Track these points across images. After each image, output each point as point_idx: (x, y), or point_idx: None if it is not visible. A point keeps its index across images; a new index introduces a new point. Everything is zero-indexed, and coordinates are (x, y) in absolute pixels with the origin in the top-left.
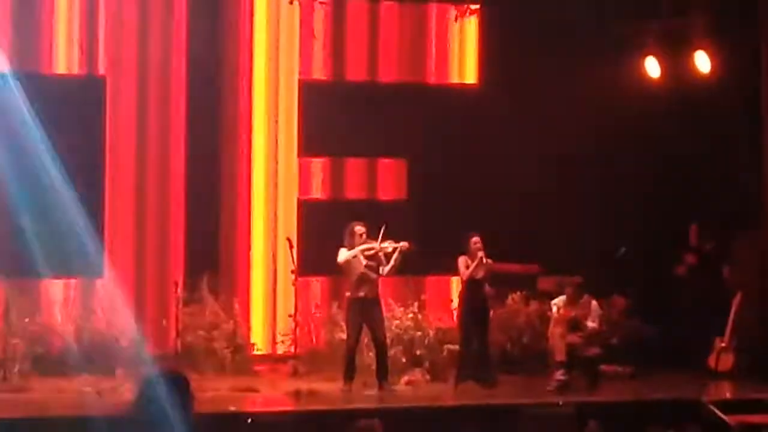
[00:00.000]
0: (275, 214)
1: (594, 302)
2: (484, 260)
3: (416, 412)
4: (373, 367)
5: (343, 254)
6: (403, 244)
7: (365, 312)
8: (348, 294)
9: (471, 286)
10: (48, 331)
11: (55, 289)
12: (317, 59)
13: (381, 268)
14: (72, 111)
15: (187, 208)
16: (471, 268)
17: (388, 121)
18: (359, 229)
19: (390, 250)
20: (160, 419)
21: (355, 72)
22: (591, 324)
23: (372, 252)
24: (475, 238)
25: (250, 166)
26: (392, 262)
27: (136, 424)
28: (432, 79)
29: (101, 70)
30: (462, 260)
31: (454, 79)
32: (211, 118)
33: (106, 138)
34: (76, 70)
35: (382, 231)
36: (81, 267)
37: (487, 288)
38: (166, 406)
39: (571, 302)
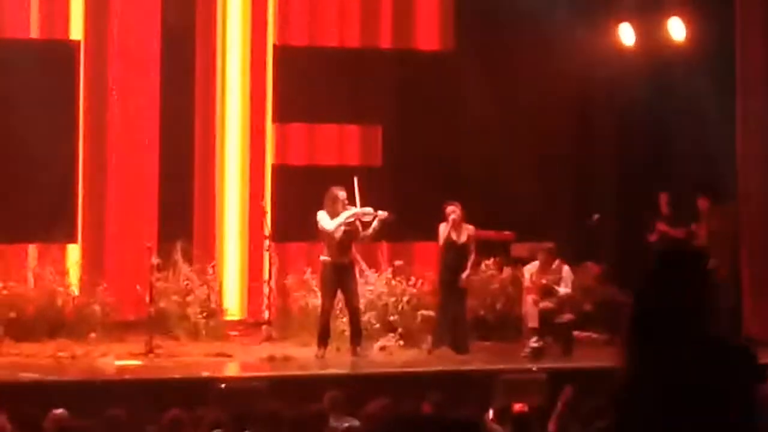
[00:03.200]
0: (249, 180)
1: (566, 267)
2: (465, 225)
3: (390, 377)
4: (347, 332)
5: (330, 221)
6: (383, 213)
7: (340, 278)
8: (323, 259)
9: (449, 252)
10: (20, 296)
11: (27, 253)
12: (292, 24)
13: (359, 235)
14: (46, 76)
15: (161, 174)
16: (446, 233)
17: (362, 87)
18: (342, 194)
19: (369, 219)
20: None
21: (330, 38)
22: (563, 289)
23: (352, 219)
24: (451, 207)
25: (224, 132)
26: (370, 230)
27: None
28: (407, 45)
29: (76, 35)
30: (442, 228)
31: (429, 46)
32: (186, 84)
33: (79, 104)
34: (50, 35)
35: (356, 186)
36: (54, 232)
37: (469, 252)
38: None
39: (543, 268)
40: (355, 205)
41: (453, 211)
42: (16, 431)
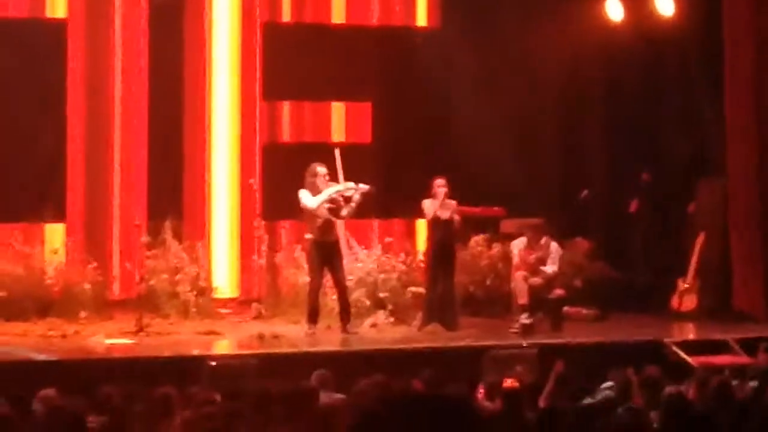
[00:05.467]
0: (239, 158)
1: (554, 244)
2: (448, 201)
3: (380, 354)
4: (337, 310)
5: (312, 198)
6: (364, 187)
7: (326, 256)
8: (310, 237)
9: (437, 229)
10: (9, 275)
11: (17, 233)
12: (281, 1)
13: (341, 211)
14: (33, 54)
15: (150, 152)
16: (433, 209)
17: (352, 64)
18: (321, 170)
19: (351, 193)
20: None
21: (319, 14)
22: (550, 267)
23: (335, 195)
24: (439, 180)
25: (213, 110)
26: (352, 204)
27: None
28: (396, 22)
29: (61, 13)
30: (427, 203)
31: (418, 22)
32: (174, 63)
33: (67, 82)
34: (37, 14)
35: (338, 158)
36: (42, 211)
37: (456, 229)
38: None
39: (530, 245)
40: (337, 180)
41: (442, 184)
42: (5, 411)
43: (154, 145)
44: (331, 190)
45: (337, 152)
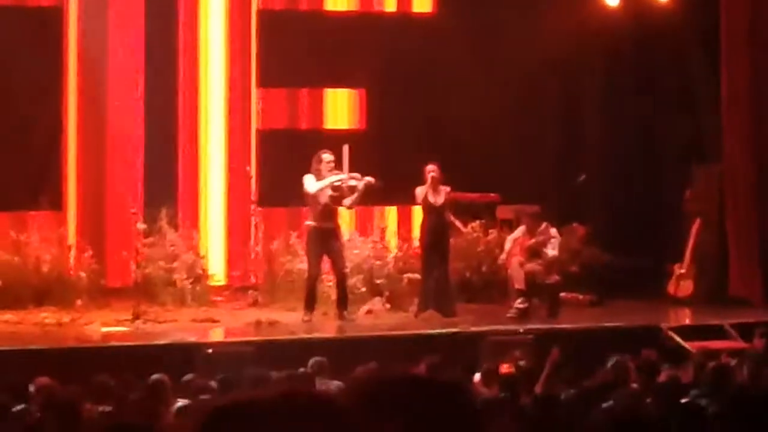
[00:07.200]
0: (234, 145)
1: (553, 229)
2: (441, 187)
3: (377, 341)
4: (334, 297)
5: (314, 183)
6: (370, 179)
7: (325, 242)
8: (309, 223)
9: (430, 215)
10: (5, 263)
11: (13, 221)
12: None
13: (345, 200)
14: (30, 41)
15: (146, 140)
16: (424, 194)
17: (346, 50)
18: (327, 156)
19: (356, 184)
20: None
21: (313, 1)
22: (551, 251)
23: (339, 183)
24: (431, 166)
25: (208, 97)
26: (356, 195)
27: None
28: (390, 8)
29: (57, 1)
30: (419, 190)
31: (412, 8)
32: (169, 50)
33: (64, 70)
34: (34, 1)
35: (346, 153)
36: (39, 200)
37: (447, 215)
38: None
39: (529, 231)
40: (342, 171)
41: (433, 170)
42: (1, 399)
43: (150, 132)
44: (333, 178)
45: (345, 148)
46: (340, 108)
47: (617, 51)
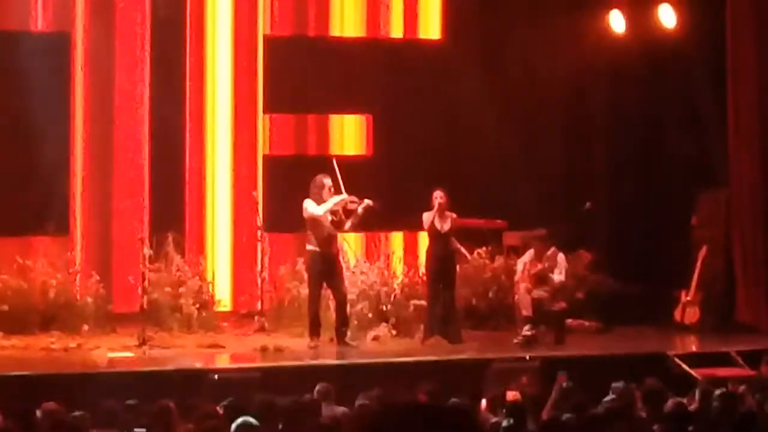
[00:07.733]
0: (240, 171)
1: (561, 255)
2: (447, 213)
3: (383, 367)
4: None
5: (316, 207)
6: (368, 202)
7: (327, 267)
8: (310, 248)
9: (437, 241)
10: (12, 288)
11: (20, 246)
12: (282, 14)
13: (344, 224)
14: (37, 67)
15: (152, 165)
16: (430, 220)
17: (353, 76)
18: (327, 181)
19: (355, 207)
20: None
21: (320, 27)
22: (558, 276)
23: (343, 204)
24: (437, 192)
25: (214, 123)
26: (354, 217)
27: None
28: (397, 34)
29: (66, 26)
30: (426, 216)
31: (419, 34)
32: (176, 76)
33: (71, 96)
34: (41, 27)
35: (336, 169)
36: (46, 225)
37: (453, 242)
38: None
39: (538, 256)
40: (340, 192)
41: (440, 196)
42: (8, 425)
43: (156, 158)
44: (336, 199)
45: (334, 162)
46: (347, 134)
47: (624, 77)
